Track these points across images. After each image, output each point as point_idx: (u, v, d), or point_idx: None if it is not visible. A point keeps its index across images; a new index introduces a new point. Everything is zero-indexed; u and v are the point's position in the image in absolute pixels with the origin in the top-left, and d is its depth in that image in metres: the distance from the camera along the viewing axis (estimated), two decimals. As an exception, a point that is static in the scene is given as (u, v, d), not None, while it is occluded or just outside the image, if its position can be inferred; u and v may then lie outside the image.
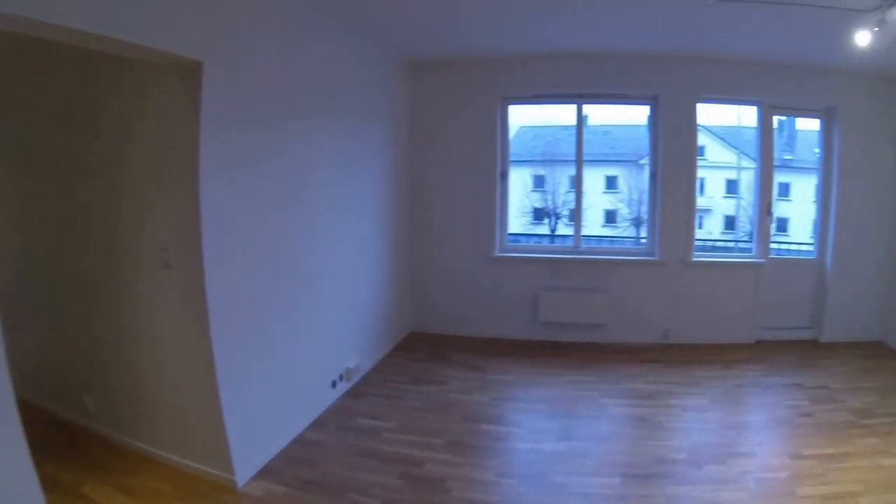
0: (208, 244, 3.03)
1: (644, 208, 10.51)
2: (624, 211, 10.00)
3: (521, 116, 6.20)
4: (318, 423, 4.17)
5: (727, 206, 9.20)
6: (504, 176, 6.12)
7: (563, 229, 9.83)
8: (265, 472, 3.51)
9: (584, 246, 6.21)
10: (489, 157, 6.01)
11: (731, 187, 9.35)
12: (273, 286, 3.65)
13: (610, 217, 9.78)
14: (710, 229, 9.86)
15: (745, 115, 7.56)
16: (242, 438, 3.31)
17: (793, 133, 9.93)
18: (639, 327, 6.03)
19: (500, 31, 4.92)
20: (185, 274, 3.10)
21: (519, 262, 6.09)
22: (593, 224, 8.73)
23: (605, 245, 7.09)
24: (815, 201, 6.32)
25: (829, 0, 3.76)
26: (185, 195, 3.01)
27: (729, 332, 6.12)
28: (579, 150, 6.05)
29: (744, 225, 8.53)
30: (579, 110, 6.03)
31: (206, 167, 2.99)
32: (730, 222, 9.32)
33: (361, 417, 4.28)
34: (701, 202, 9.01)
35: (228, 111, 3.15)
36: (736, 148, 8.38)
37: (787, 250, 6.38)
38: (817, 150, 6.59)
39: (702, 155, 6.21)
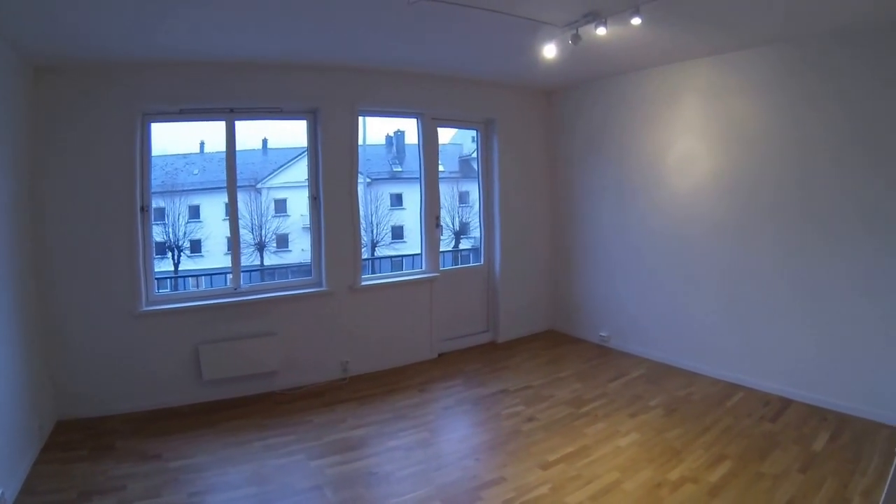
0: None
1: (265, 232, 10.14)
2: (247, 237, 9.32)
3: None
4: None
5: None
6: (145, 211, 4.81)
7: (188, 262, 8.72)
8: None
9: (243, 286, 5.33)
10: (128, 187, 4.68)
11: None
12: None
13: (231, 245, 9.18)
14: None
15: (372, 133, 7.70)
16: None
17: (401, 147, 10.54)
18: (315, 366, 5.47)
19: (121, 28, 3.79)
20: None
21: (170, 315, 4.86)
22: (217, 253, 7.90)
23: (267, 282, 6.22)
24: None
25: (524, 11, 3.82)
26: None
27: (410, 351, 6.04)
28: (231, 173, 5.15)
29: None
30: (231, 127, 5.08)
31: None
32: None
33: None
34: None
35: None
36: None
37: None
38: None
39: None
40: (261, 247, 9.67)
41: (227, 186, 5.17)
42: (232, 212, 5.24)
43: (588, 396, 4.91)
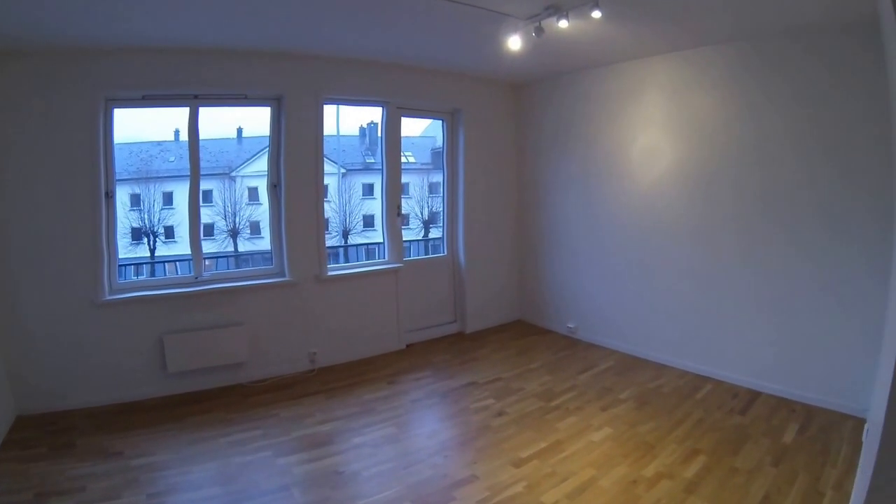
0: None
1: (239, 219, 9.97)
2: (221, 223, 9.17)
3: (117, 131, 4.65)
4: None
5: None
6: (110, 197, 4.63)
7: (162, 248, 8.55)
8: None
9: (206, 274, 5.18)
10: (91, 173, 4.49)
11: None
12: None
13: (208, 230, 8.97)
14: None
15: (348, 124, 7.56)
16: None
17: (374, 138, 10.40)
18: (282, 357, 5.37)
19: (81, 13, 3.65)
20: None
21: (133, 304, 4.69)
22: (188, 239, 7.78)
23: (230, 271, 6.03)
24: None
25: (486, 2, 3.83)
26: None
27: (378, 342, 5.98)
28: (194, 159, 4.98)
29: (334, 226, 8.63)
30: (194, 114, 4.93)
31: None
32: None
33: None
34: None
35: None
36: (334, 161, 8.36)
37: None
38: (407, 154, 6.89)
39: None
40: (234, 234, 9.56)
41: (191, 173, 5.01)
42: (192, 199, 5.08)
43: (558, 389, 4.87)
